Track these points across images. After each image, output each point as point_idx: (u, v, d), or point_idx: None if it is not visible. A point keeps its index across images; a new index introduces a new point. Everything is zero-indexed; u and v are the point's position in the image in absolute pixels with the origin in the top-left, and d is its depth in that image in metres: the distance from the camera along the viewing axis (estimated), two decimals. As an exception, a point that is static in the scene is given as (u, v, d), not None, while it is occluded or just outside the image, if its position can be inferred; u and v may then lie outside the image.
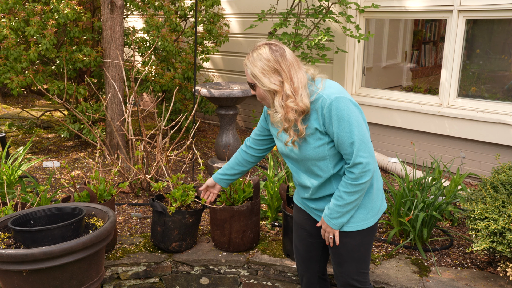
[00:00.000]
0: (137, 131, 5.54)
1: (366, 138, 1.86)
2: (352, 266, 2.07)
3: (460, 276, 2.68)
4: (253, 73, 1.89)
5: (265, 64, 1.86)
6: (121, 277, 2.92)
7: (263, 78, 1.87)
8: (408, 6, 4.35)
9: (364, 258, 2.08)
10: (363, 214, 1.99)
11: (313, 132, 1.90)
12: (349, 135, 1.83)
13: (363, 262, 2.09)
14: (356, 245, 2.03)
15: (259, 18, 4.32)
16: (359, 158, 1.85)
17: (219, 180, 2.45)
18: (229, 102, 4.13)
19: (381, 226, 3.36)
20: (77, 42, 4.89)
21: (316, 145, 1.91)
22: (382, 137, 4.74)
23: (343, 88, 1.93)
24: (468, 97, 4.30)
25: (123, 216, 3.54)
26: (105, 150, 3.73)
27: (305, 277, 2.33)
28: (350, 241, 2.02)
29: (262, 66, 1.86)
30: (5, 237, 2.28)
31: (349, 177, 1.89)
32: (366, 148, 1.86)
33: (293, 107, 1.85)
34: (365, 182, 1.88)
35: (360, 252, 2.05)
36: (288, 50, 1.90)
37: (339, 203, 1.92)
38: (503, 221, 2.40)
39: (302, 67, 1.91)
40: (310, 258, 2.26)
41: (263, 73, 1.86)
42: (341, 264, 2.09)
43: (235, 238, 2.93)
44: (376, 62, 5.54)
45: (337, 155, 1.94)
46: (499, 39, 4.36)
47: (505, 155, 4.00)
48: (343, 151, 1.89)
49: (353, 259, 2.06)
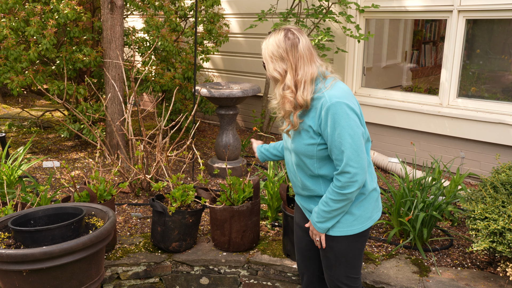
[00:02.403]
0: (137, 131, 5.54)
1: (359, 149, 1.82)
2: (340, 270, 2.07)
3: (460, 276, 2.68)
4: (264, 55, 1.91)
5: (275, 49, 1.86)
6: (121, 277, 2.92)
7: (269, 63, 1.88)
8: (408, 6, 4.35)
9: (353, 263, 2.07)
10: (349, 220, 1.97)
11: (307, 129, 1.89)
12: (342, 142, 1.80)
13: (352, 268, 2.07)
14: (343, 250, 2.02)
15: (259, 18, 4.32)
16: (348, 167, 1.82)
17: (260, 152, 2.42)
18: (229, 102, 4.13)
19: (381, 226, 3.36)
20: (77, 42, 4.89)
21: (307, 142, 1.90)
22: (382, 137, 4.74)
23: (350, 93, 1.88)
24: (468, 97, 4.30)
25: (123, 216, 3.54)
26: (105, 150, 3.73)
27: (305, 275, 2.34)
28: (337, 246, 2.02)
29: (272, 51, 1.86)
30: (5, 237, 2.28)
31: (335, 185, 1.87)
32: (357, 159, 1.81)
33: (290, 99, 1.84)
34: (350, 192, 1.85)
35: (348, 257, 2.04)
36: (304, 41, 1.87)
37: (325, 208, 1.92)
38: (503, 221, 2.40)
39: (315, 62, 1.88)
40: (309, 257, 2.27)
41: (271, 57, 1.87)
42: (329, 267, 2.09)
43: (235, 238, 2.93)
44: (376, 62, 5.54)
45: (325, 159, 1.91)
46: (499, 39, 4.36)
47: (505, 155, 4.00)
48: (334, 156, 1.86)
49: (340, 263, 2.06)
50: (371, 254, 2.95)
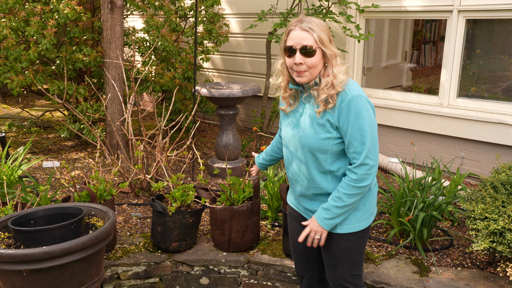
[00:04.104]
0: (137, 131, 5.54)
1: (376, 142, 1.86)
2: (346, 268, 2.07)
3: (460, 276, 2.68)
4: (320, 38, 1.84)
5: (328, 32, 1.88)
6: (121, 277, 2.92)
7: (329, 45, 1.87)
8: (408, 6, 4.35)
9: (358, 260, 2.08)
10: (357, 216, 1.98)
11: (323, 123, 1.88)
12: (363, 134, 1.82)
13: (356, 264, 2.08)
14: (350, 247, 2.02)
15: (259, 18, 4.32)
16: (367, 159, 1.83)
17: (258, 164, 2.49)
18: (229, 102, 4.13)
19: (381, 226, 3.36)
20: (77, 42, 4.89)
21: (323, 136, 1.88)
22: (382, 137, 4.74)
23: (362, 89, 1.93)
24: (468, 97, 4.30)
25: (123, 216, 3.54)
26: (105, 150, 3.73)
27: (304, 278, 2.32)
28: (344, 243, 2.01)
29: (328, 34, 1.87)
30: (5, 237, 2.28)
31: (351, 178, 1.87)
32: (375, 152, 1.85)
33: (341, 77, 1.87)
34: (366, 185, 1.87)
35: (354, 254, 2.05)
36: None
37: (337, 204, 1.90)
38: (503, 221, 2.40)
39: None
40: (308, 258, 2.26)
41: (330, 39, 1.88)
42: (335, 266, 2.08)
43: (235, 238, 2.93)
44: (376, 62, 5.54)
45: (339, 153, 1.92)
46: (499, 39, 4.36)
47: (505, 155, 4.00)
48: (352, 149, 1.86)
49: (346, 261, 2.05)
50: (371, 254, 2.95)
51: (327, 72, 1.88)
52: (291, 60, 1.88)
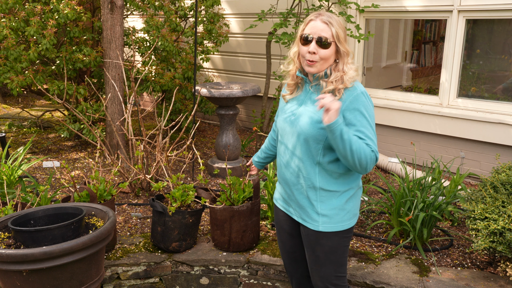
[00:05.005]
0: (137, 131, 5.54)
1: (375, 138, 1.94)
2: (330, 269, 2.09)
3: (460, 276, 2.68)
4: (337, 33, 1.91)
5: (345, 30, 1.95)
6: (121, 277, 2.92)
7: (344, 42, 1.93)
8: (408, 6, 4.35)
9: (341, 261, 2.11)
10: (341, 215, 2.01)
11: None
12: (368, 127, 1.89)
13: (340, 265, 2.11)
14: (333, 247, 2.05)
15: (259, 18, 4.32)
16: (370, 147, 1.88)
17: (255, 163, 2.53)
18: (229, 102, 4.13)
19: (381, 226, 3.36)
20: (77, 42, 4.89)
21: (321, 125, 1.90)
22: (382, 137, 4.74)
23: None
24: (468, 97, 4.30)
25: (123, 216, 3.54)
26: (105, 150, 3.73)
27: (294, 277, 2.37)
28: (327, 242, 2.04)
29: (344, 32, 1.94)
30: (5, 237, 2.28)
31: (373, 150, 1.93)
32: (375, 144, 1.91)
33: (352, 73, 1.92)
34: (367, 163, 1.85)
35: (337, 254, 2.07)
36: None
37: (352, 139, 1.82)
38: (503, 221, 2.40)
39: None
40: (296, 258, 2.30)
41: (345, 37, 1.94)
42: (318, 267, 2.10)
43: (235, 238, 2.93)
44: (376, 62, 5.54)
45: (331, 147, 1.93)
46: (499, 39, 4.36)
47: (505, 155, 4.00)
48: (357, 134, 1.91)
49: (330, 261, 2.07)
50: (371, 254, 2.95)
51: (338, 68, 1.95)
52: (305, 48, 1.92)
